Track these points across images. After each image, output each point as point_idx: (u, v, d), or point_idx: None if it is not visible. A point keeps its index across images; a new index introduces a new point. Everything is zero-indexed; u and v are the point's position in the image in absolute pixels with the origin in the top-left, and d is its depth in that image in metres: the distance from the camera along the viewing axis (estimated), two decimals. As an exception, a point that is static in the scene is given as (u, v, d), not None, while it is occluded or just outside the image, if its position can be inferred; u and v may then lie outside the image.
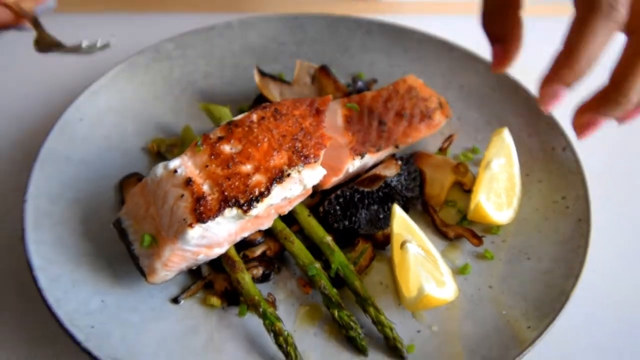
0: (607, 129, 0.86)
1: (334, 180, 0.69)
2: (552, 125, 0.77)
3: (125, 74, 0.83)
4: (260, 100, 0.82)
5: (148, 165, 0.78)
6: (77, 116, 0.77)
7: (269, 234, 0.67)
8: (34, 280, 0.59)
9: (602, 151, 0.82)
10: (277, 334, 0.58)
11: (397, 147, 0.74)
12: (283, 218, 0.67)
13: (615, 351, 0.62)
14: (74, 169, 0.73)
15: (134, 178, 0.73)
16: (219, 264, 0.64)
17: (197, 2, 1.12)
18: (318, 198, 0.70)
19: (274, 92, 0.80)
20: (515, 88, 0.82)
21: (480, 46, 0.90)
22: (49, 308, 0.57)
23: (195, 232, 0.56)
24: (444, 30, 0.97)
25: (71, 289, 0.60)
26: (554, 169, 0.73)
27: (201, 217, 0.56)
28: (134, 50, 0.88)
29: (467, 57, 0.87)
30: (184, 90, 0.86)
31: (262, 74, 0.80)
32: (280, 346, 0.58)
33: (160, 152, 0.78)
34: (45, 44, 0.66)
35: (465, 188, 0.75)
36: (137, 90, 0.83)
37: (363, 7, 1.15)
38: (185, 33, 0.89)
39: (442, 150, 0.80)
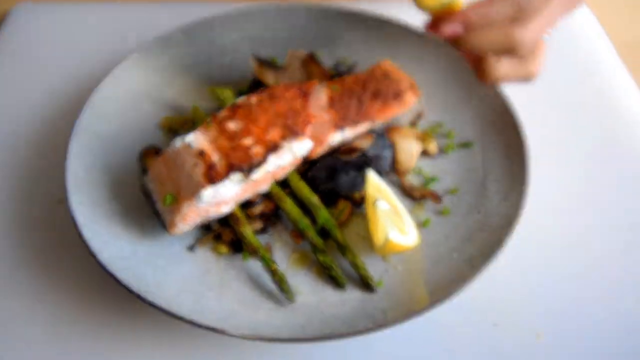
0: (550, 108, 1.01)
1: (319, 151, 0.82)
2: (505, 103, 0.88)
3: (140, 60, 0.95)
4: (256, 82, 0.94)
5: (162, 139, 0.90)
6: (101, 97, 0.89)
7: (266, 195, 0.81)
8: (79, 234, 0.73)
9: (543, 127, 0.95)
10: (273, 273, 0.72)
11: (373, 122, 0.88)
12: (278, 183, 0.81)
13: (541, 283, 0.78)
14: (102, 143, 0.86)
15: (152, 150, 0.86)
16: (225, 220, 0.78)
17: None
18: (307, 166, 0.85)
19: (268, 75, 0.93)
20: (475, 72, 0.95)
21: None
22: (93, 255, 0.71)
23: (208, 192, 0.70)
24: (418, 18, 1.10)
25: (109, 240, 0.74)
26: (503, 140, 0.84)
27: (212, 180, 0.71)
28: (148, 38, 1.01)
29: (437, 44, 1.00)
30: (191, 74, 0.99)
31: (258, 60, 0.93)
32: (275, 282, 0.72)
33: (172, 128, 0.92)
34: None
35: (430, 154, 0.89)
36: (151, 74, 0.96)
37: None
38: (190, 23, 1.00)
39: (412, 125, 0.94)
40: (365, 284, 0.73)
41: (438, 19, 0.72)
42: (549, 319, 0.74)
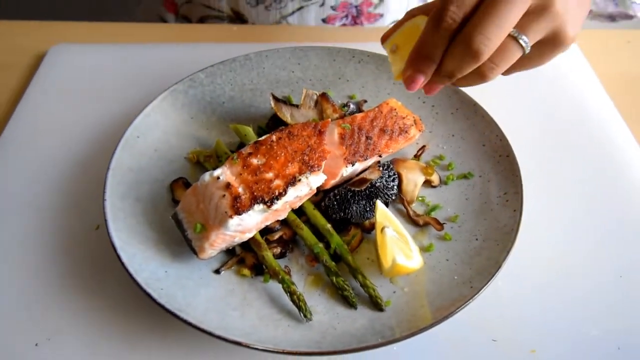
0: (542, 139, 1.09)
1: (332, 182, 0.90)
2: (500, 137, 0.98)
3: (168, 99, 1.05)
4: (274, 119, 1.04)
5: (189, 171, 0.99)
6: (134, 134, 0.99)
7: (284, 223, 0.89)
8: (118, 257, 0.81)
9: (536, 157, 1.04)
10: (292, 294, 0.80)
11: (380, 155, 0.96)
12: (295, 211, 0.89)
13: (536, 303, 0.85)
14: (135, 175, 0.95)
15: (180, 181, 0.96)
16: (248, 245, 0.87)
17: (221, 35, 1.35)
18: (320, 196, 0.93)
19: (285, 113, 1.02)
20: (473, 107, 1.03)
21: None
22: (130, 276, 0.78)
23: (234, 221, 0.79)
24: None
25: (143, 263, 0.82)
26: (500, 171, 0.94)
27: (238, 210, 0.79)
28: (174, 79, 1.11)
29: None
30: (214, 111, 1.08)
31: (276, 99, 1.03)
32: (294, 302, 0.80)
33: (199, 161, 1.00)
34: None
35: (432, 185, 0.97)
36: (178, 111, 1.05)
37: (353, 33, 1.37)
38: (213, 65, 1.10)
39: (416, 157, 1.03)
40: (375, 304, 0.80)
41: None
42: (542, 336, 0.81)
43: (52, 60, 1.24)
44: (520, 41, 0.69)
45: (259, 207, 0.80)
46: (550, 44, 0.72)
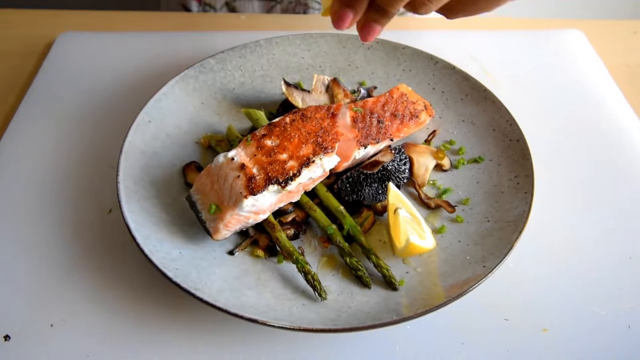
0: (552, 125, 1.10)
1: (345, 165, 0.91)
2: (510, 121, 0.99)
3: (180, 84, 1.05)
4: (286, 105, 1.05)
5: (201, 155, 1.00)
6: (146, 119, 0.99)
7: (297, 205, 0.90)
8: (133, 237, 0.82)
9: (546, 143, 1.05)
10: (306, 274, 0.81)
11: (392, 140, 0.97)
12: (308, 193, 0.90)
13: (547, 283, 0.86)
14: (148, 159, 0.95)
15: (193, 165, 0.96)
16: (261, 227, 0.87)
17: (233, 23, 1.36)
18: (333, 178, 0.93)
19: (297, 98, 1.03)
20: (483, 93, 1.04)
21: (459, 60, 1.14)
22: (145, 256, 0.79)
23: (249, 202, 0.80)
24: (430, 44, 1.20)
25: (157, 244, 0.82)
26: (510, 155, 0.95)
27: (252, 191, 0.80)
28: (185, 65, 1.12)
29: (447, 68, 1.09)
30: (224, 96, 1.09)
31: (287, 84, 1.03)
32: (308, 282, 0.80)
33: (210, 145, 1.01)
34: None
35: (443, 169, 0.98)
36: (189, 96, 1.06)
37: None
38: (223, 51, 1.11)
39: (427, 142, 1.03)
40: (389, 283, 0.81)
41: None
42: (554, 315, 0.82)
43: (59, 47, 1.25)
44: None
45: (273, 188, 0.81)
46: None
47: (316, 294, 0.79)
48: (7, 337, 0.78)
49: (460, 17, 0.74)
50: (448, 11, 0.73)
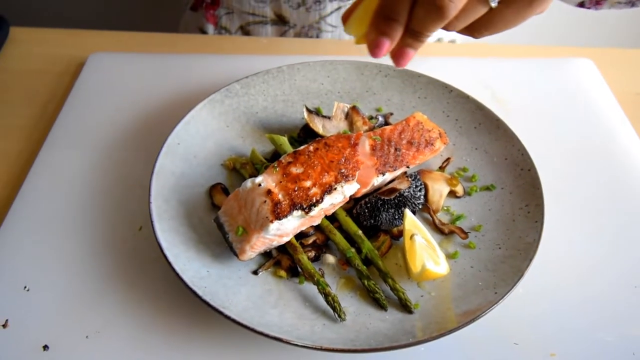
0: (561, 154, 1.14)
1: (364, 191, 0.96)
2: (522, 151, 1.04)
3: (207, 107, 1.11)
4: (306, 129, 1.10)
5: (226, 177, 1.05)
6: (176, 141, 1.05)
7: (317, 228, 0.95)
8: (164, 256, 0.87)
9: (555, 169, 1.09)
10: (326, 295, 0.85)
11: (408, 167, 1.02)
12: (327, 217, 0.95)
13: (556, 309, 0.90)
14: (177, 180, 1.00)
15: (219, 186, 1.01)
16: (284, 248, 0.92)
17: (257, 47, 1.41)
18: (352, 203, 0.98)
19: (317, 124, 1.08)
20: (496, 122, 1.09)
21: (471, 87, 1.19)
22: (177, 274, 0.84)
23: (274, 226, 0.85)
24: (444, 72, 1.25)
25: (187, 263, 0.87)
26: (521, 184, 1.00)
27: (278, 216, 0.85)
28: (209, 88, 1.18)
29: (461, 97, 1.14)
30: (248, 120, 1.14)
31: (309, 111, 1.08)
32: (328, 303, 0.85)
33: (235, 167, 1.06)
34: None
35: (456, 195, 1.03)
36: (215, 120, 1.11)
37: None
38: (248, 76, 1.16)
39: (441, 169, 1.08)
40: (405, 306, 0.86)
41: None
42: (562, 340, 0.86)
43: (90, 67, 1.31)
44: None
45: (297, 213, 0.86)
46: (525, 0, 0.71)
47: (335, 314, 0.84)
48: (45, 347, 0.84)
49: (487, 35, 0.78)
50: (474, 30, 0.77)
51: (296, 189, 0.87)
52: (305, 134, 1.10)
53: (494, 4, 0.72)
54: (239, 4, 1.48)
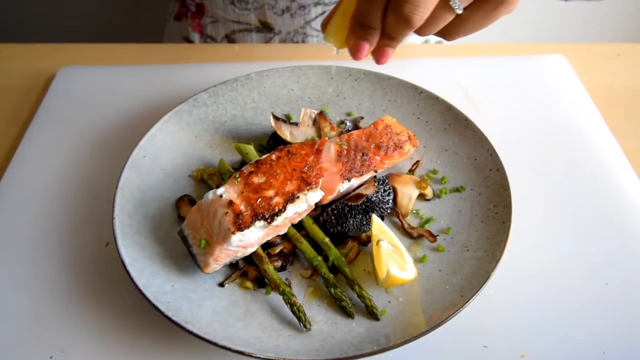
0: (531, 151, 1.13)
1: (330, 198, 0.95)
2: (491, 151, 1.03)
3: (173, 119, 1.10)
4: (276, 137, 1.09)
5: (194, 189, 1.04)
6: (141, 154, 1.04)
7: (284, 237, 0.94)
8: (127, 272, 0.86)
9: (525, 170, 1.09)
10: (292, 305, 0.84)
11: (376, 171, 1.01)
12: (294, 225, 0.94)
13: (525, 310, 0.89)
14: (143, 193, 0.99)
15: (185, 198, 1.00)
16: (250, 259, 0.91)
17: (229, 53, 1.41)
18: (319, 210, 0.97)
19: (285, 131, 1.07)
20: (465, 123, 1.08)
21: (444, 88, 1.19)
22: (139, 290, 0.83)
23: (236, 237, 0.84)
24: (416, 72, 1.24)
25: (151, 278, 0.86)
26: (490, 185, 0.99)
27: (240, 227, 0.84)
28: (182, 97, 1.17)
29: (431, 98, 1.13)
30: (217, 129, 1.13)
31: (276, 118, 1.07)
32: (294, 313, 0.84)
33: (203, 178, 1.05)
34: None
35: (426, 198, 1.02)
36: (183, 131, 1.10)
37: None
38: (215, 85, 1.16)
39: (411, 171, 1.07)
40: (371, 313, 0.85)
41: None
42: (532, 341, 0.85)
43: (59, 81, 1.30)
44: (450, 3, 0.71)
45: (260, 224, 0.85)
46: (491, 3, 0.73)
47: (301, 324, 0.83)
48: (8, 370, 0.82)
49: (460, 37, 0.79)
50: (446, 33, 0.78)
51: (258, 199, 0.86)
52: (274, 142, 1.09)
53: (459, 11, 0.73)
54: (223, 12, 1.48)
